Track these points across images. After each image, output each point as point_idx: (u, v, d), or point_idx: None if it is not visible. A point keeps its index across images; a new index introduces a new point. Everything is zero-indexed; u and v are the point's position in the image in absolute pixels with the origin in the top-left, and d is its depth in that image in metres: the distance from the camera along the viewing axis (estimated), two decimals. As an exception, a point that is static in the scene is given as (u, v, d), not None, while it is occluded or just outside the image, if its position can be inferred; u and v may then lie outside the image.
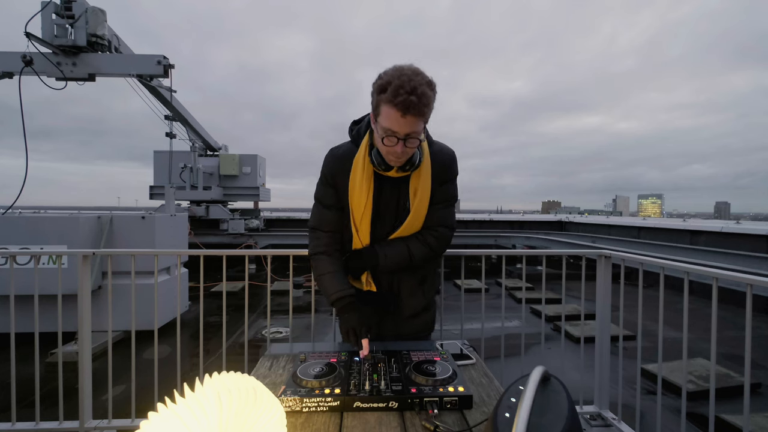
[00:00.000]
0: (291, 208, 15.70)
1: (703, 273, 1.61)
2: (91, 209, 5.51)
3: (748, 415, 1.40)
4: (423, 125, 1.05)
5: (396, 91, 0.96)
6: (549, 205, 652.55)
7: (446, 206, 1.24)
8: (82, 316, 1.95)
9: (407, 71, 0.99)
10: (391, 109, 0.98)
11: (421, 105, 0.97)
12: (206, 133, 7.36)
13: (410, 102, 0.95)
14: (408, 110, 0.97)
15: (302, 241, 8.33)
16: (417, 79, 0.97)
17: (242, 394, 0.58)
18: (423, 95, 0.96)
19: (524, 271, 2.29)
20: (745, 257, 5.39)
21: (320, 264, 1.24)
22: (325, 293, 1.22)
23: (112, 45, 4.40)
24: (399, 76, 0.97)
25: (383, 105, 1.00)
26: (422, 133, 1.07)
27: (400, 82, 0.96)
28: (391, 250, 1.21)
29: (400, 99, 0.95)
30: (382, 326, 1.30)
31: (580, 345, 2.27)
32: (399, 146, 1.03)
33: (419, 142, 1.05)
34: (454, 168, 1.23)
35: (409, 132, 1.01)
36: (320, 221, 1.25)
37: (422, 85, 0.97)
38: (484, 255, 2.24)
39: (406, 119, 0.98)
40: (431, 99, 1.00)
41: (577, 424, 0.58)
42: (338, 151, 1.22)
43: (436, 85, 1.02)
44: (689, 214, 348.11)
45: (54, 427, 1.96)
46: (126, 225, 3.86)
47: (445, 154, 1.22)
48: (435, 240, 1.22)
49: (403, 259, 1.21)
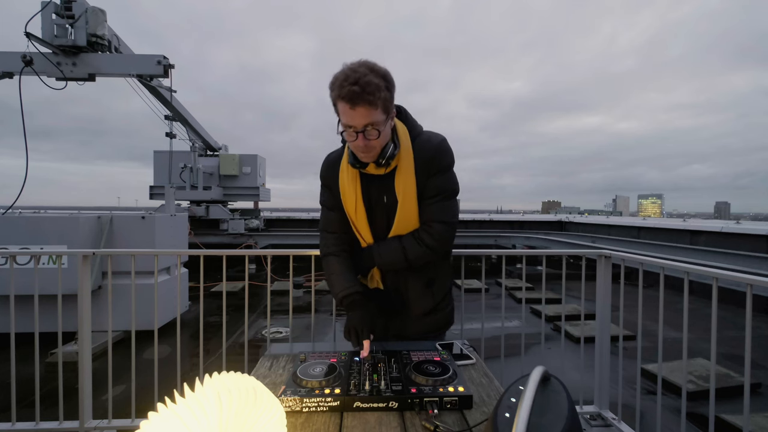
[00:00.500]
0: (291, 208, 15.72)
1: (703, 273, 1.61)
2: (91, 209, 5.51)
3: (748, 415, 1.40)
4: (382, 115, 1.03)
5: (341, 85, 0.98)
6: (549, 205, 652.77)
7: (440, 200, 1.18)
8: (82, 316, 1.95)
9: (354, 65, 1.01)
10: (341, 103, 1.00)
11: (366, 93, 0.97)
12: (206, 133, 7.36)
13: (353, 92, 0.96)
14: (354, 101, 0.97)
15: (302, 241, 8.34)
16: (361, 70, 0.99)
17: (242, 394, 0.58)
18: (367, 84, 0.97)
19: (524, 271, 2.29)
20: (745, 257, 5.39)
21: (328, 264, 1.26)
22: (333, 293, 1.23)
23: (112, 45, 4.40)
24: (344, 71, 1.00)
25: (336, 101, 1.02)
26: (383, 123, 1.04)
27: (344, 76, 0.98)
28: (385, 249, 1.20)
29: (344, 91, 0.97)
30: (391, 326, 1.30)
31: (580, 345, 2.27)
32: (360, 140, 1.03)
33: (380, 133, 1.04)
34: (441, 159, 1.16)
35: (365, 123, 1.01)
36: (326, 223, 1.28)
37: (366, 75, 0.98)
38: (484, 255, 2.24)
39: (356, 110, 0.99)
40: (379, 87, 0.99)
41: (577, 424, 0.58)
42: (330, 156, 1.26)
43: (388, 74, 1.03)
44: (689, 214, 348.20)
45: (54, 427, 1.96)
46: (126, 225, 3.86)
47: (429, 145, 1.16)
48: (430, 237, 1.17)
49: (397, 258, 1.19)
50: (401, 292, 1.28)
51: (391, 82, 1.04)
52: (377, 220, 1.22)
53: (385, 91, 1.01)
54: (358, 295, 1.19)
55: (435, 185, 1.17)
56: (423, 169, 1.15)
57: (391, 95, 1.05)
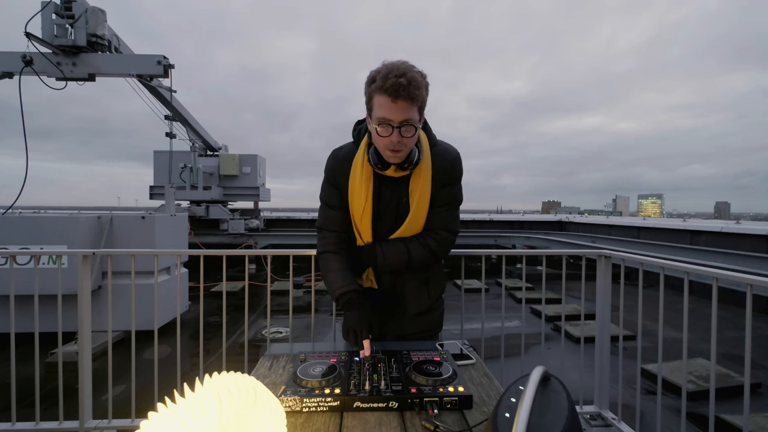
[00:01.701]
0: (291, 208, 15.71)
1: (703, 273, 1.61)
2: (91, 209, 5.51)
3: (748, 415, 1.40)
4: (418, 114, 1.04)
5: (385, 77, 0.98)
6: (549, 205, 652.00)
7: (449, 209, 1.22)
8: (82, 316, 1.95)
9: (396, 62, 1.01)
10: (382, 96, 0.99)
11: (412, 88, 0.97)
12: (206, 133, 7.36)
13: (400, 84, 0.96)
14: (398, 94, 0.97)
15: (302, 241, 8.33)
16: (405, 65, 1.00)
17: (242, 394, 0.58)
18: (413, 79, 0.98)
19: (524, 271, 2.29)
20: (745, 257, 5.39)
21: (326, 262, 1.25)
22: (329, 291, 1.21)
23: (112, 45, 4.40)
24: (388, 66, 1.01)
25: (375, 95, 1.01)
26: (418, 123, 1.05)
27: (388, 70, 0.99)
28: (390, 250, 1.20)
29: (389, 83, 0.96)
30: (387, 325, 1.30)
31: (580, 345, 2.27)
32: (395, 135, 1.02)
33: (416, 132, 1.04)
34: (456, 171, 1.21)
35: (403, 119, 1.00)
36: (326, 221, 1.26)
37: (411, 70, 0.99)
38: (484, 255, 2.24)
39: (398, 104, 0.98)
40: (422, 85, 1.00)
41: (577, 424, 0.58)
42: (339, 152, 1.23)
43: (427, 77, 1.03)
44: (689, 214, 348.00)
45: (54, 427, 1.96)
46: (126, 225, 3.86)
47: (448, 155, 1.20)
48: (435, 243, 1.21)
49: (401, 260, 1.20)
50: (397, 290, 1.28)
51: (428, 86, 1.05)
52: (384, 221, 1.22)
53: (425, 91, 1.02)
54: (356, 294, 1.18)
55: (447, 195, 1.20)
56: (439, 177, 1.17)
57: (426, 99, 1.05)
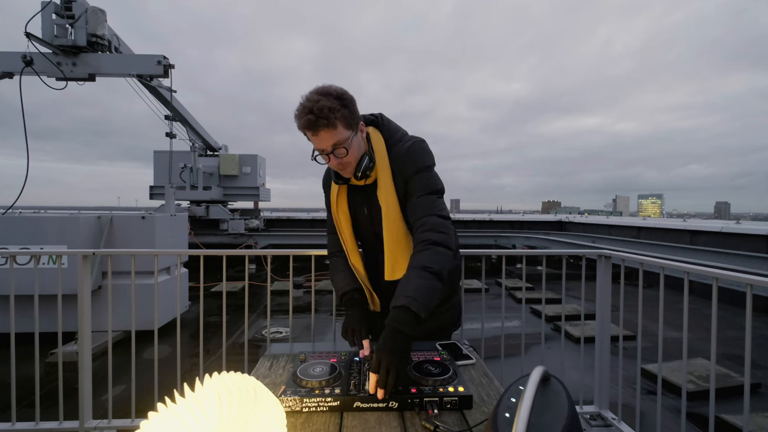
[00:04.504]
0: (291, 208, 15.71)
1: (703, 273, 1.61)
2: (91, 209, 5.50)
3: (748, 415, 1.40)
4: (346, 132, 1.06)
5: (299, 116, 1.04)
6: (549, 205, 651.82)
7: (423, 195, 1.15)
8: (82, 316, 1.95)
9: (308, 95, 1.05)
10: (304, 132, 1.06)
11: (321, 119, 1.01)
12: (206, 133, 7.36)
13: (310, 120, 1.01)
14: (314, 127, 1.02)
15: (302, 242, 8.33)
16: (314, 98, 1.03)
17: (242, 394, 0.58)
18: (320, 109, 1.00)
19: (524, 271, 2.29)
20: (745, 257, 5.39)
21: (333, 263, 1.32)
22: (335, 290, 1.28)
23: (112, 45, 4.40)
24: (301, 103, 1.04)
25: (301, 131, 1.07)
26: (348, 141, 1.07)
27: (300, 108, 1.03)
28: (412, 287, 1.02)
29: (302, 122, 1.03)
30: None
31: (580, 345, 2.27)
32: (333, 160, 1.09)
33: (349, 150, 1.07)
34: (413, 162, 1.15)
35: (331, 144, 1.06)
36: (331, 225, 1.33)
37: (319, 101, 1.01)
38: (484, 255, 2.24)
39: (319, 135, 1.04)
40: (333, 108, 1.01)
41: (577, 424, 0.58)
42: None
43: (344, 93, 1.06)
44: (689, 214, 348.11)
45: (54, 427, 1.96)
46: (126, 225, 3.86)
47: (401, 150, 1.16)
48: (430, 232, 1.10)
49: (429, 285, 1.03)
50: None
51: (347, 99, 1.06)
52: (363, 230, 1.26)
53: (341, 110, 1.04)
54: (358, 293, 1.22)
55: (413, 186, 1.16)
56: (399, 175, 1.17)
57: (351, 110, 1.07)
